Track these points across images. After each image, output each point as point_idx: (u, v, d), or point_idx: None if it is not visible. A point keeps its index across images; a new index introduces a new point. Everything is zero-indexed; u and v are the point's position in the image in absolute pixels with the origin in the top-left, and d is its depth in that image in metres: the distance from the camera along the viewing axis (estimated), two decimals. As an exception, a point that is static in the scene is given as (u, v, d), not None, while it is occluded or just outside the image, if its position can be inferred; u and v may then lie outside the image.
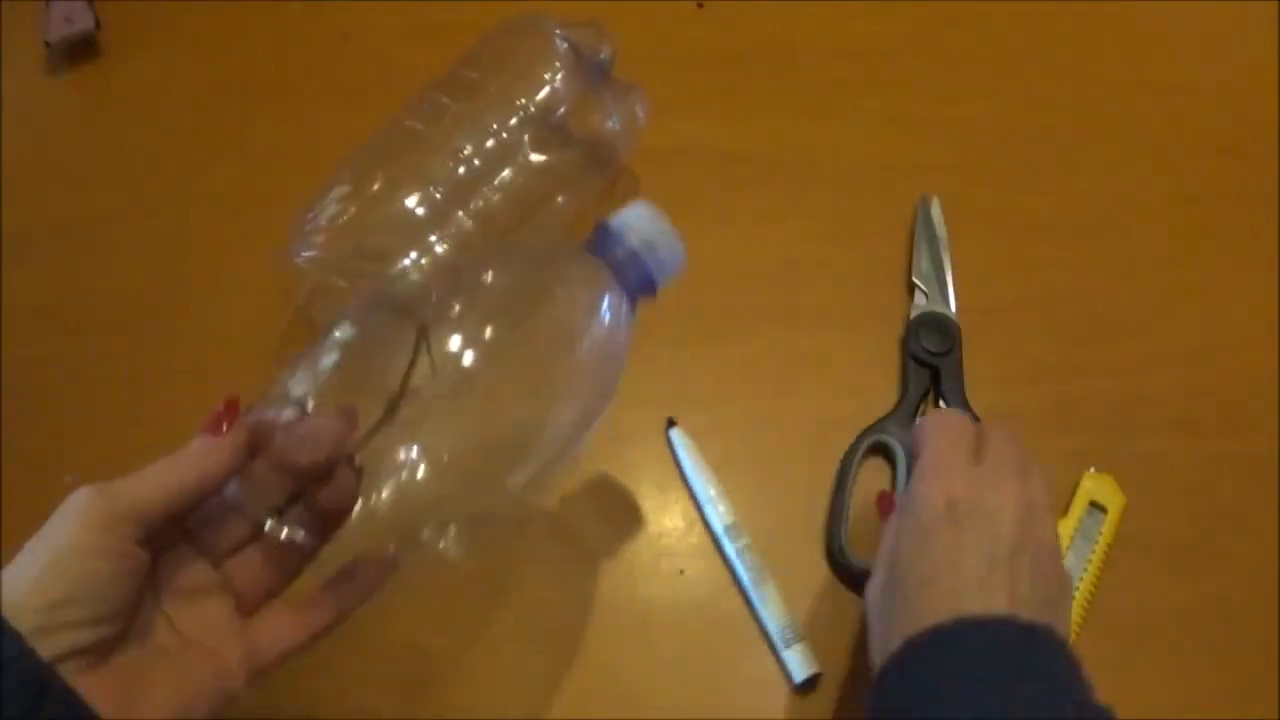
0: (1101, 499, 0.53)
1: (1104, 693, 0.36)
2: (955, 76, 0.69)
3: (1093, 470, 0.54)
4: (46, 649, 0.31)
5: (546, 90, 0.57)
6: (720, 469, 0.54)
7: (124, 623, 0.33)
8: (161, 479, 0.35)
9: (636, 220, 0.41)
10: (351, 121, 0.59)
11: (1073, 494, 0.53)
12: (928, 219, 0.61)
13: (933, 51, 0.70)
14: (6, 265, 0.61)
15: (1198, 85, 0.69)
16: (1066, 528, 0.52)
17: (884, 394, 0.57)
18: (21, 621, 0.31)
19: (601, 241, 0.42)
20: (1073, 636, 0.50)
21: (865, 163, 0.65)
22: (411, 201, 0.54)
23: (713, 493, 0.53)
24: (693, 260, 0.62)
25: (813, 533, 0.53)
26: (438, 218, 0.55)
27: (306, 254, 0.53)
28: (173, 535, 0.37)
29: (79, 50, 0.70)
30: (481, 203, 0.55)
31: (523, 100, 0.57)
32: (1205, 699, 0.49)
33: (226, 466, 0.36)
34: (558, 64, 0.57)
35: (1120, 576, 0.52)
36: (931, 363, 0.57)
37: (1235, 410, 0.57)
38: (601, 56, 0.58)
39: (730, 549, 0.52)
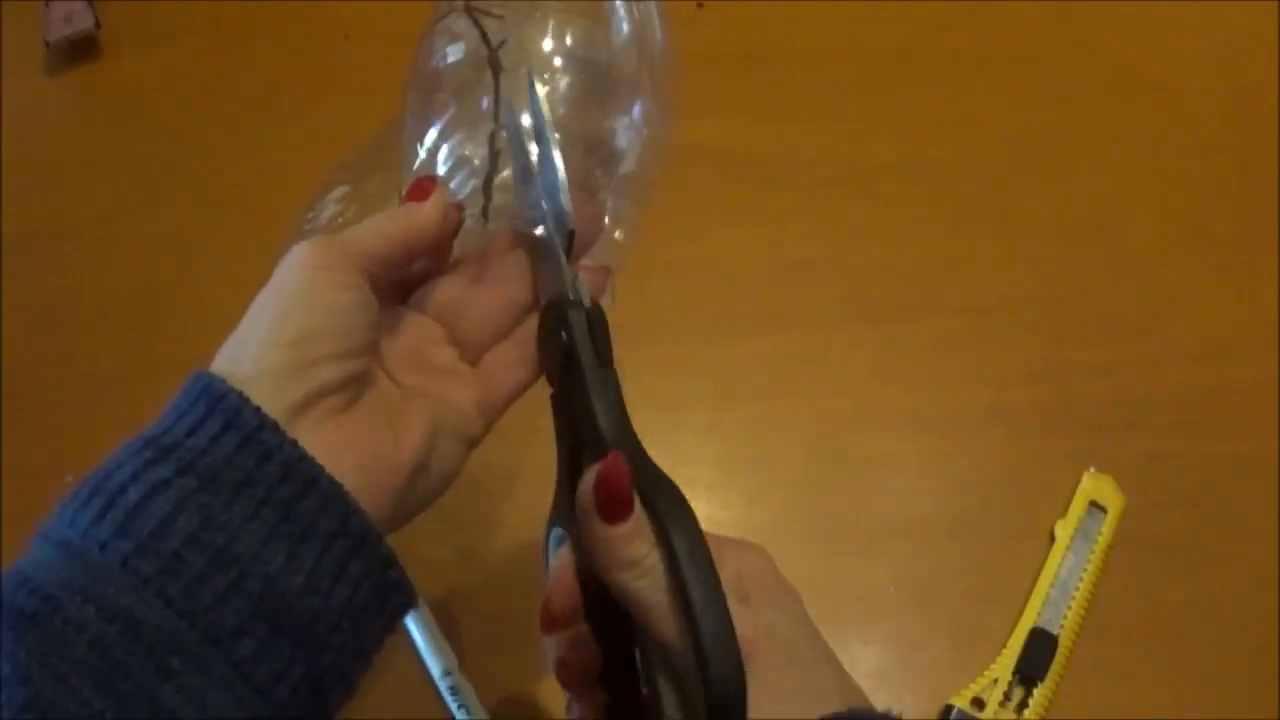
0: (1101, 499, 0.53)
1: (1104, 693, 0.36)
2: (955, 76, 0.69)
3: (1093, 470, 0.54)
4: (300, 386, 0.29)
5: (547, 90, 0.57)
6: (720, 469, 0.54)
7: (369, 360, 0.32)
8: (376, 229, 0.33)
9: None
10: (351, 121, 0.59)
11: (1073, 494, 0.53)
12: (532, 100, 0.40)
13: (933, 51, 0.70)
14: (6, 265, 0.61)
15: (1198, 85, 0.69)
16: (1066, 528, 0.52)
17: (883, 394, 0.57)
18: (268, 360, 0.29)
19: None
20: (1073, 637, 0.50)
21: (865, 163, 0.65)
22: (411, 201, 0.54)
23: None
24: (693, 260, 0.62)
25: (812, 533, 0.53)
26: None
27: (306, 254, 0.53)
28: (389, 295, 0.35)
29: (79, 50, 0.70)
30: (483, 203, 0.55)
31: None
32: (1205, 699, 0.49)
33: (433, 222, 0.34)
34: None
35: (1120, 576, 0.52)
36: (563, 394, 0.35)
37: (1235, 410, 0.57)
38: (601, 56, 0.58)
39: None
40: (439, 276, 0.37)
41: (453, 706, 0.48)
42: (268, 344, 0.29)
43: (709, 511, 0.54)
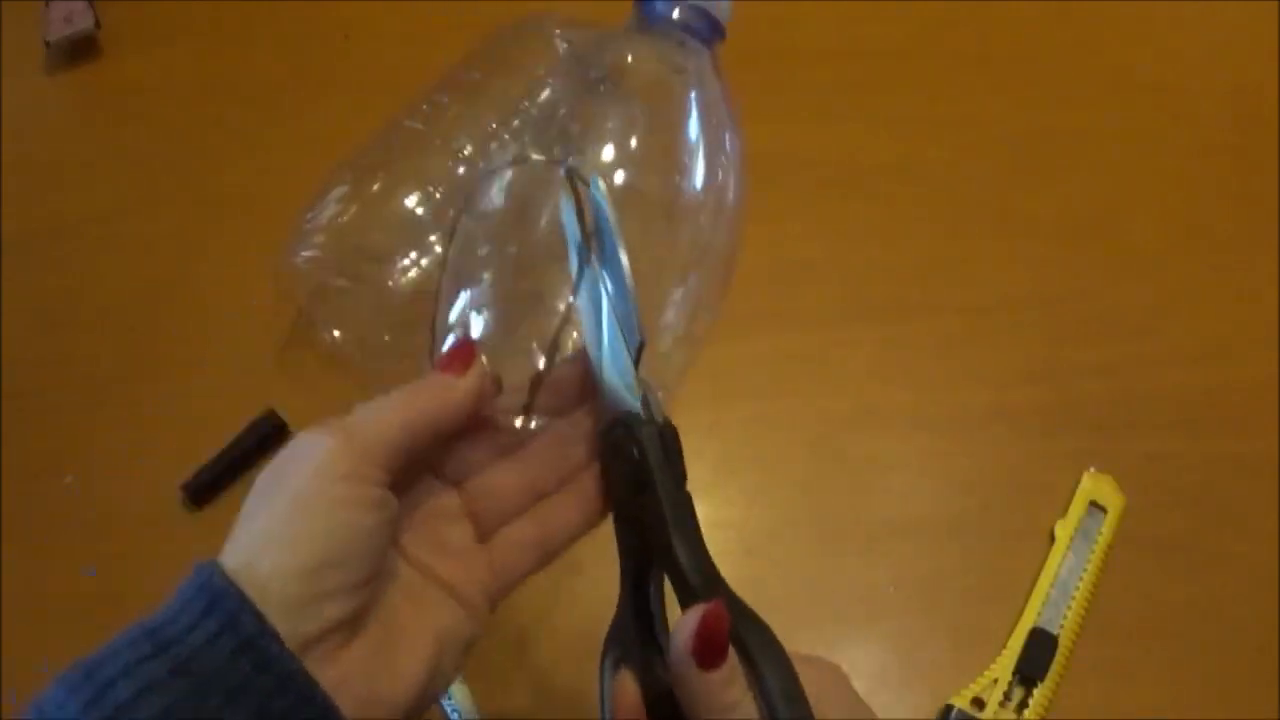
0: (1101, 499, 0.53)
1: (1104, 693, 0.36)
2: (955, 76, 0.69)
3: (1093, 470, 0.54)
4: (307, 625, 0.27)
5: (547, 91, 0.57)
6: (720, 469, 0.54)
7: (382, 581, 0.30)
8: (403, 413, 0.31)
9: None
10: (351, 121, 0.59)
11: (1073, 494, 0.53)
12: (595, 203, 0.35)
13: (933, 51, 0.70)
14: (6, 265, 0.61)
15: (1198, 85, 0.69)
16: (1066, 528, 0.52)
17: (883, 394, 0.57)
18: (281, 591, 0.27)
19: (650, 12, 0.39)
20: (1073, 637, 0.50)
21: (865, 163, 0.65)
22: (411, 201, 0.54)
23: None
24: (693, 260, 0.62)
25: (812, 533, 0.53)
26: (438, 218, 0.55)
27: (306, 254, 0.53)
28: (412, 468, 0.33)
29: (79, 50, 0.70)
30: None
31: (523, 101, 0.57)
32: (1205, 699, 0.49)
33: (467, 405, 0.32)
34: (558, 65, 0.57)
35: (1120, 576, 0.52)
36: (630, 514, 0.34)
37: (1235, 410, 0.57)
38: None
39: None
40: (465, 443, 0.35)
41: (446, 709, 0.48)
42: (280, 572, 0.27)
43: (709, 512, 0.54)
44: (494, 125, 0.56)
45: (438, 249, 0.54)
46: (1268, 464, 0.55)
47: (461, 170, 0.55)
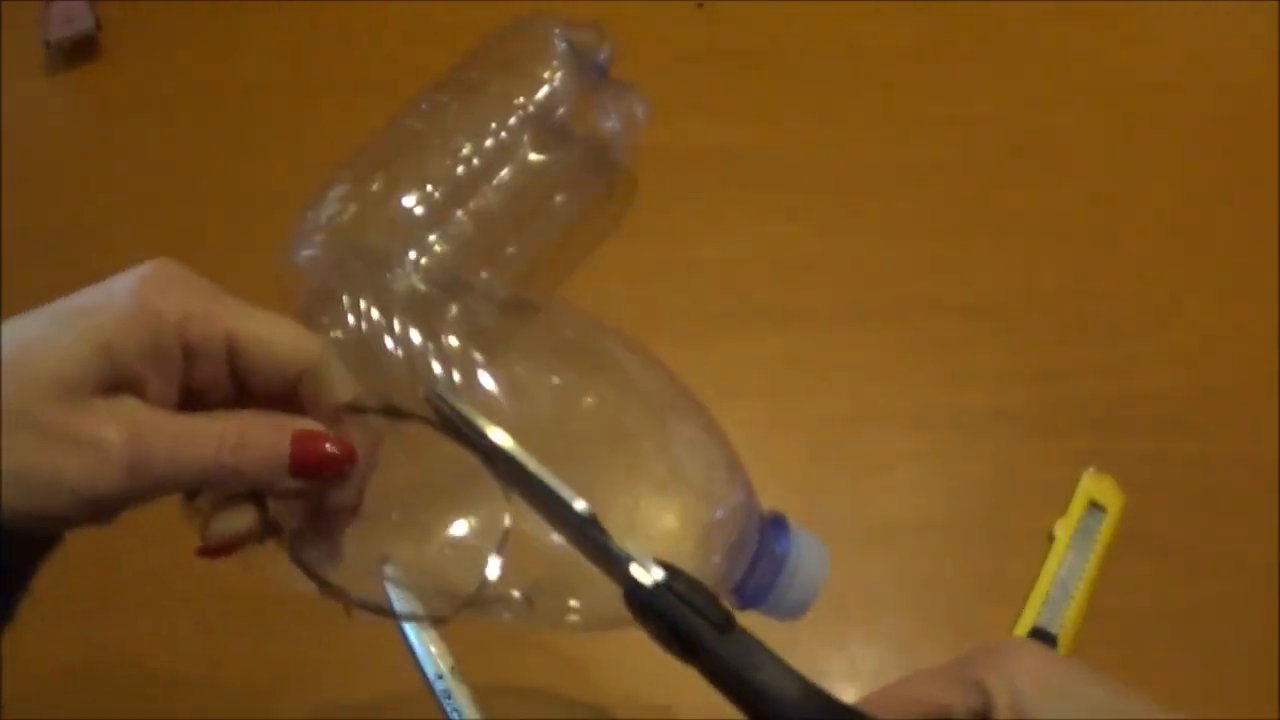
0: (1101, 499, 0.53)
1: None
2: (955, 76, 0.69)
3: (1092, 470, 0.54)
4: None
5: (546, 90, 0.57)
6: (720, 469, 0.54)
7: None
8: (192, 453, 0.29)
9: (810, 560, 0.36)
10: (351, 121, 0.59)
11: (1072, 494, 0.53)
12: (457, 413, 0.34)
13: (933, 51, 0.70)
14: (6, 265, 0.61)
15: (1198, 85, 0.69)
16: (1066, 528, 0.52)
17: (883, 394, 0.57)
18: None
19: (775, 526, 0.37)
20: (1073, 637, 0.50)
21: (865, 163, 0.65)
22: (411, 201, 0.54)
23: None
24: (693, 260, 0.62)
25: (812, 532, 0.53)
26: (437, 217, 0.55)
27: (306, 254, 0.53)
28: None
29: (79, 50, 0.69)
30: (481, 202, 0.55)
31: (522, 100, 0.57)
32: (1205, 699, 0.49)
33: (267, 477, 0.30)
34: (557, 64, 0.57)
35: (1120, 576, 0.52)
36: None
37: (1235, 410, 0.57)
38: (600, 57, 0.58)
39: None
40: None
41: (447, 709, 0.48)
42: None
43: (709, 511, 0.54)
44: (493, 125, 0.56)
45: (438, 249, 0.54)
46: (1268, 464, 0.55)
47: (461, 170, 0.55)
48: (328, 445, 0.30)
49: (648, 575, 0.29)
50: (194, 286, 0.31)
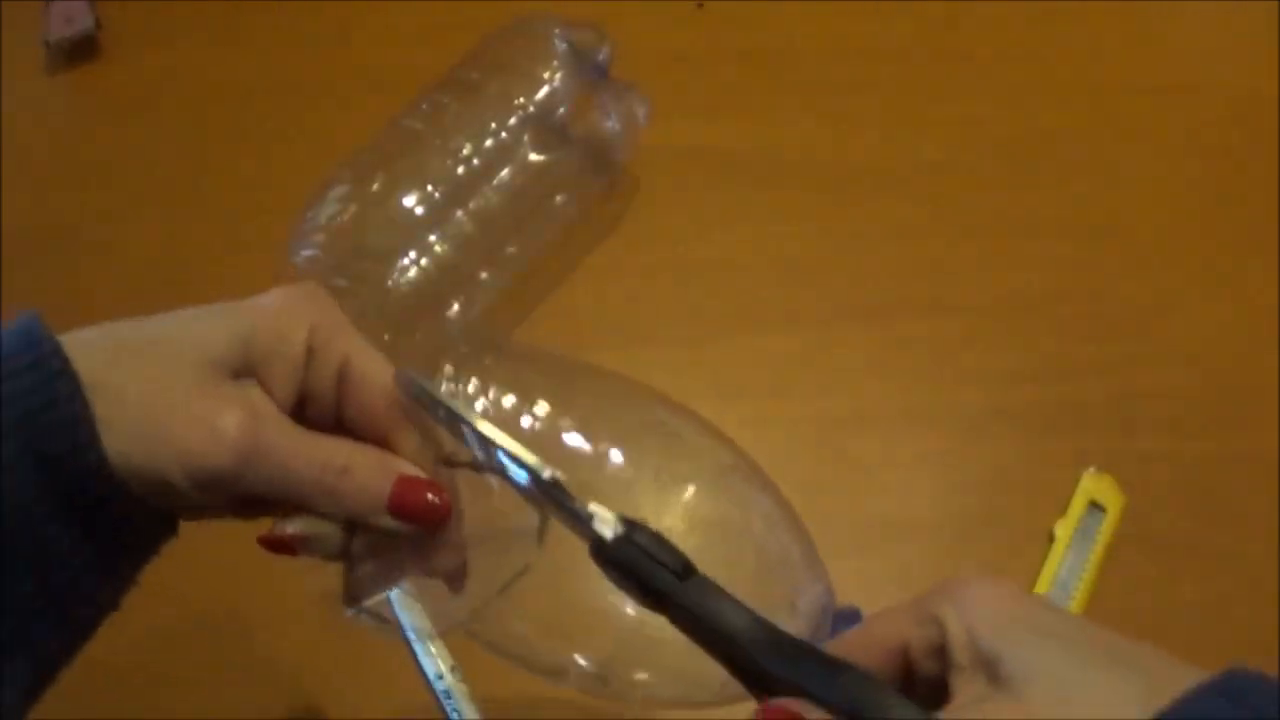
0: (1101, 499, 0.53)
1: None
2: (955, 76, 0.69)
3: (1093, 470, 0.54)
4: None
5: (546, 90, 0.57)
6: (720, 469, 0.54)
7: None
8: (299, 463, 0.30)
9: None
10: (351, 121, 0.59)
11: (1072, 494, 0.53)
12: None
13: (933, 51, 0.70)
14: (6, 265, 0.61)
15: (1198, 85, 0.69)
16: (1066, 528, 0.52)
17: (883, 394, 0.57)
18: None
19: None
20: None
21: (865, 163, 0.65)
22: (411, 201, 0.54)
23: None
24: (692, 261, 0.62)
25: (812, 532, 0.53)
26: (437, 217, 0.55)
27: (306, 254, 0.53)
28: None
29: (79, 50, 0.70)
30: (481, 203, 0.56)
31: (522, 100, 0.57)
32: (1205, 699, 0.49)
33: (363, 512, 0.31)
34: (557, 64, 0.57)
35: (1120, 576, 0.52)
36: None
37: (1235, 410, 0.57)
38: (600, 57, 0.58)
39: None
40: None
41: (447, 709, 0.48)
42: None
43: (709, 511, 0.54)
44: (493, 125, 0.56)
45: (438, 249, 0.54)
46: (1268, 464, 0.55)
47: (461, 170, 0.55)
48: (430, 495, 0.31)
49: (610, 530, 0.30)
50: (328, 306, 0.32)
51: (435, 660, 0.48)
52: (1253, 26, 0.72)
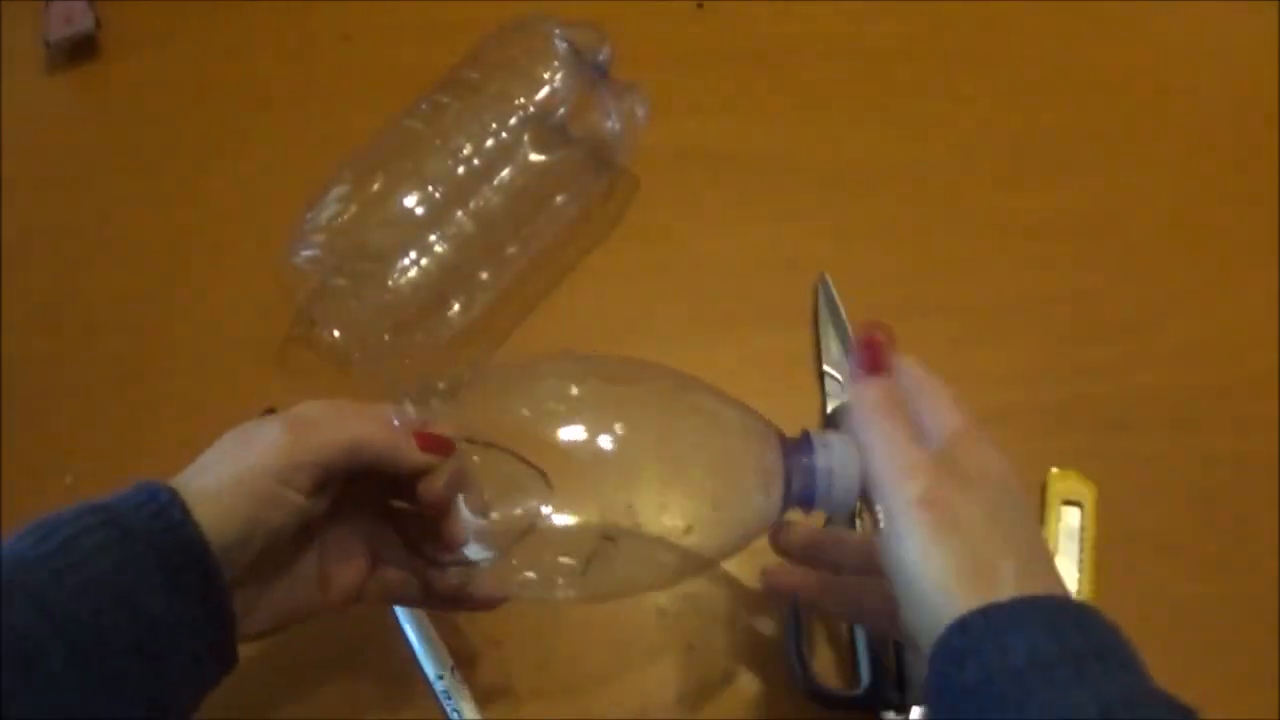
0: (1073, 495, 0.53)
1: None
2: (955, 76, 0.69)
3: (1056, 470, 0.54)
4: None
5: (546, 90, 0.57)
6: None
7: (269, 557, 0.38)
8: (353, 437, 0.38)
9: (839, 455, 0.40)
10: (351, 121, 0.59)
11: (1042, 498, 0.53)
12: (829, 301, 0.58)
13: (933, 51, 0.70)
14: (6, 265, 0.61)
15: (1198, 85, 0.69)
16: (1048, 533, 0.52)
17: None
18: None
19: (798, 444, 0.41)
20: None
21: (865, 163, 0.65)
22: (411, 201, 0.54)
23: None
24: (692, 261, 0.62)
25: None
26: (437, 217, 0.55)
27: (306, 254, 0.53)
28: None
29: (79, 50, 0.70)
30: (481, 203, 0.56)
31: (522, 100, 0.57)
32: (1205, 699, 0.49)
33: (411, 470, 0.39)
34: (557, 64, 0.57)
35: (1119, 576, 0.52)
36: None
37: (1235, 410, 0.57)
38: (600, 57, 0.58)
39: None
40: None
41: (447, 709, 0.48)
42: (208, 524, 0.35)
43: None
44: (493, 125, 0.56)
45: (438, 249, 0.54)
46: (1267, 463, 0.55)
47: (461, 170, 0.55)
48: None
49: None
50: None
51: (435, 660, 0.48)
52: (1253, 26, 0.72)
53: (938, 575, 0.33)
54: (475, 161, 0.56)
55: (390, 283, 0.53)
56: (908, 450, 0.36)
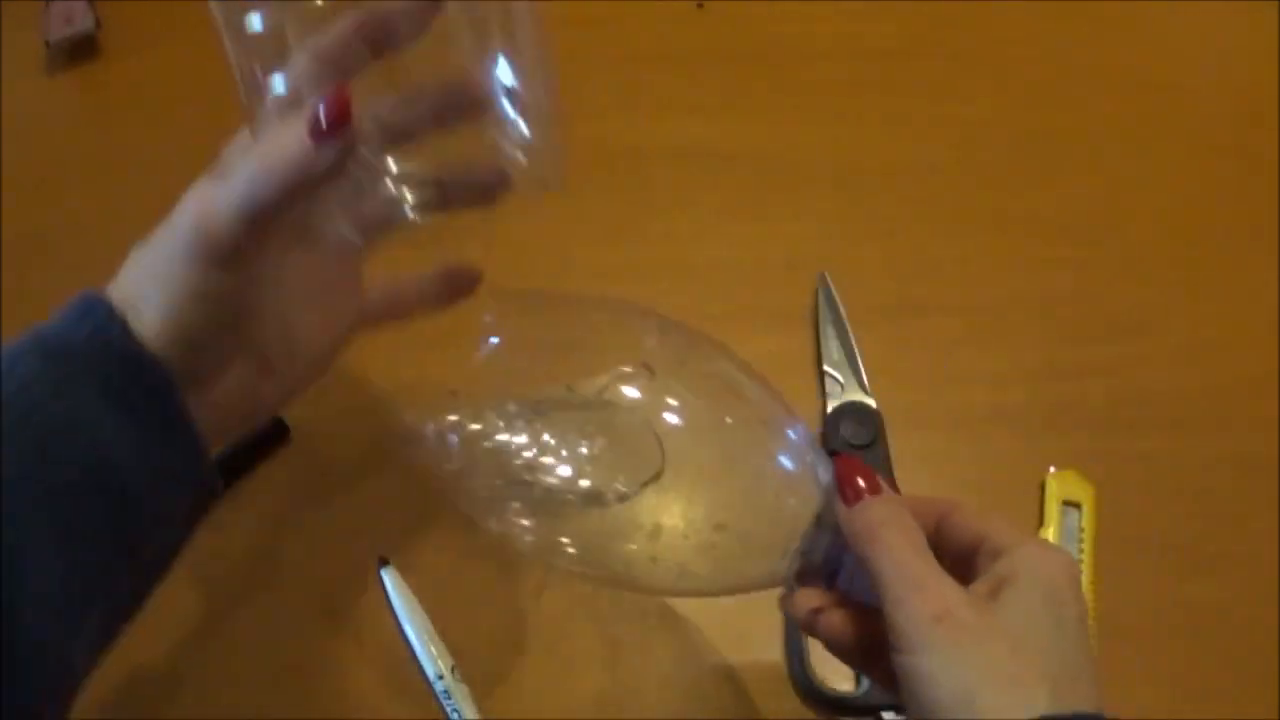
0: (1072, 495, 0.53)
1: (1104, 692, 0.36)
2: (955, 76, 0.69)
3: (1053, 470, 0.54)
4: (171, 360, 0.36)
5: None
6: (720, 469, 0.54)
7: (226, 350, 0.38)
8: (256, 189, 0.37)
9: None
10: (351, 121, 0.59)
11: (1041, 499, 0.53)
12: (829, 301, 0.58)
13: (933, 51, 0.70)
14: (6, 265, 0.61)
15: (1198, 85, 0.69)
16: (1047, 534, 0.52)
17: (882, 394, 0.57)
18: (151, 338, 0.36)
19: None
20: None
21: (865, 163, 0.65)
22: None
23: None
24: (692, 261, 0.62)
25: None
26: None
27: (306, 254, 0.53)
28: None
29: (79, 50, 0.70)
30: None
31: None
32: (1205, 699, 0.49)
33: (325, 176, 0.36)
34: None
35: (1119, 577, 0.52)
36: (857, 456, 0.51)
37: (1235, 410, 0.57)
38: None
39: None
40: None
41: (447, 709, 0.48)
42: (152, 327, 0.37)
43: (709, 511, 0.54)
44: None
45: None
46: (1267, 464, 0.55)
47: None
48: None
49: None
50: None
51: (435, 660, 0.48)
52: (1253, 26, 0.72)
53: (957, 688, 0.31)
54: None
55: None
56: (921, 567, 0.34)
